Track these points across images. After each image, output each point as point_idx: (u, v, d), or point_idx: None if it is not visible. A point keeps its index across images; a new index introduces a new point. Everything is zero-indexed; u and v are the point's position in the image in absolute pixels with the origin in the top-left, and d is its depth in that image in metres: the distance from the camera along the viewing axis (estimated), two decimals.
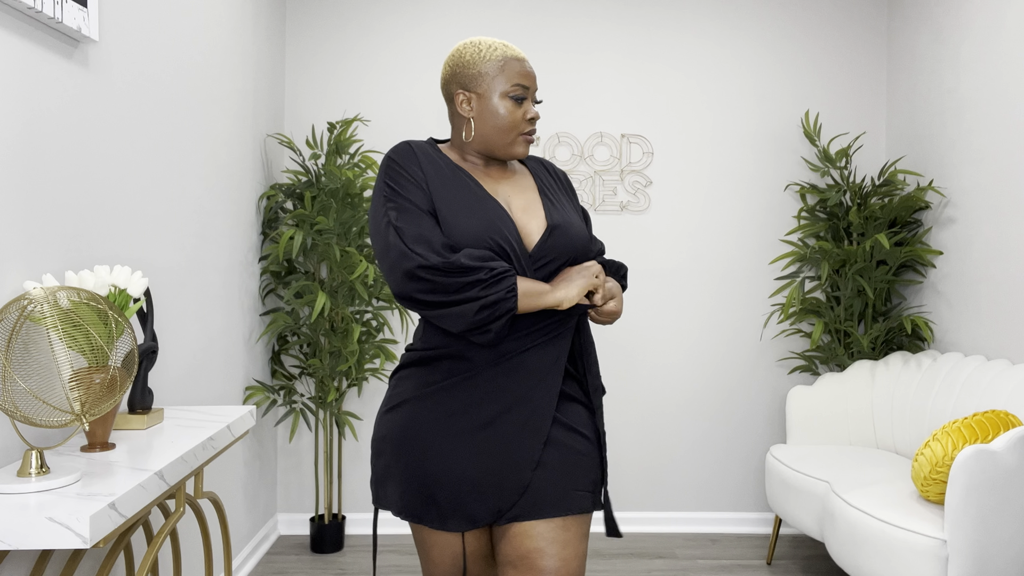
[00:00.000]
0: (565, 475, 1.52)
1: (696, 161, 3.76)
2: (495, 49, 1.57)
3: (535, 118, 1.60)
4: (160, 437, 1.72)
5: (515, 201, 1.60)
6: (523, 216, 1.58)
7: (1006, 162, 2.92)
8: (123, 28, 2.11)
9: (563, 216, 1.59)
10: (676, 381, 3.77)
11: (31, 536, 1.21)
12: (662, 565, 3.33)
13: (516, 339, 1.52)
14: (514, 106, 1.57)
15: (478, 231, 1.48)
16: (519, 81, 1.57)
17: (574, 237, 1.57)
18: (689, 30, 3.75)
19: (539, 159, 1.76)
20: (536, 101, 1.63)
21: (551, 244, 1.54)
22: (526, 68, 1.58)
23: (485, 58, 1.57)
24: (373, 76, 3.71)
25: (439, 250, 1.44)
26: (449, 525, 1.52)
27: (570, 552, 1.48)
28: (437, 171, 1.55)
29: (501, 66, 1.56)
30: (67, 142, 1.84)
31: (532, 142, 1.63)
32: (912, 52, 3.58)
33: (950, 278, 3.28)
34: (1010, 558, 2.26)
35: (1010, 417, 2.40)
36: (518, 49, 1.63)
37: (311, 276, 3.40)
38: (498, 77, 1.56)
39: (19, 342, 1.41)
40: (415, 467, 1.53)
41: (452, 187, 1.54)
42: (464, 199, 1.53)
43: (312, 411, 3.43)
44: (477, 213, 1.51)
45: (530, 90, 1.59)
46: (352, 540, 3.61)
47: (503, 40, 1.64)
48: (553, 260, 1.55)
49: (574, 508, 1.50)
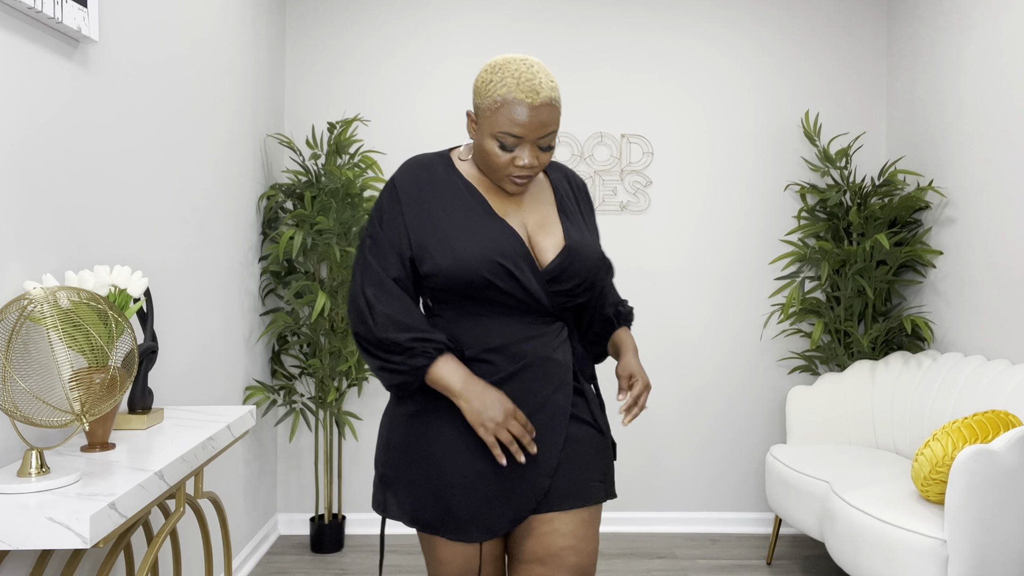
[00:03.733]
0: (580, 466, 1.56)
1: (696, 161, 3.76)
2: (503, 84, 1.45)
3: (527, 166, 1.48)
4: (160, 437, 1.72)
5: (531, 217, 1.59)
6: (538, 233, 1.57)
7: (1006, 162, 2.92)
8: (123, 28, 2.11)
9: (580, 236, 1.58)
10: (676, 381, 3.77)
11: (31, 536, 1.21)
12: (662, 565, 3.33)
13: (535, 343, 1.54)
14: (501, 150, 1.47)
15: (481, 251, 1.49)
16: (509, 129, 1.44)
17: (589, 259, 1.57)
18: (689, 30, 3.75)
19: (563, 169, 1.71)
20: (545, 147, 1.49)
21: (566, 265, 1.54)
22: (525, 117, 1.43)
23: (490, 91, 1.46)
24: (373, 76, 3.71)
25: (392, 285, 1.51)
26: (468, 536, 1.51)
27: (592, 547, 1.55)
28: (441, 192, 1.55)
29: (498, 107, 1.45)
30: (67, 142, 1.84)
31: (523, 185, 1.52)
32: (912, 52, 3.58)
33: (950, 278, 3.28)
34: (1010, 558, 2.26)
35: (1010, 417, 2.40)
36: (536, 86, 1.44)
37: (311, 276, 3.40)
38: (492, 117, 1.46)
39: (19, 342, 1.41)
40: (431, 477, 1.51)
41: (457, 207, 1.54)
42: (469, 219, 1.52)
43: (312, 411, 3.43)
44: (481, 232, 1.50)
45: (525, 139, 1.46)
46: (352, 540, 3.61)
47: (531, 62, 1.49)
48: (567, 280, 1.55)
49: (590, 499, 1.55)
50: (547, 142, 1.49)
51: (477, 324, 1.53)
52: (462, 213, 1.53)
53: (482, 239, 1.50)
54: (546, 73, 1.48)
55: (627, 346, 1.67)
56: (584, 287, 1.58)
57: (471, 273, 1.47)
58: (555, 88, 1.48)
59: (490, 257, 1.48)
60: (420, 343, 1.47)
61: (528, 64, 1.47)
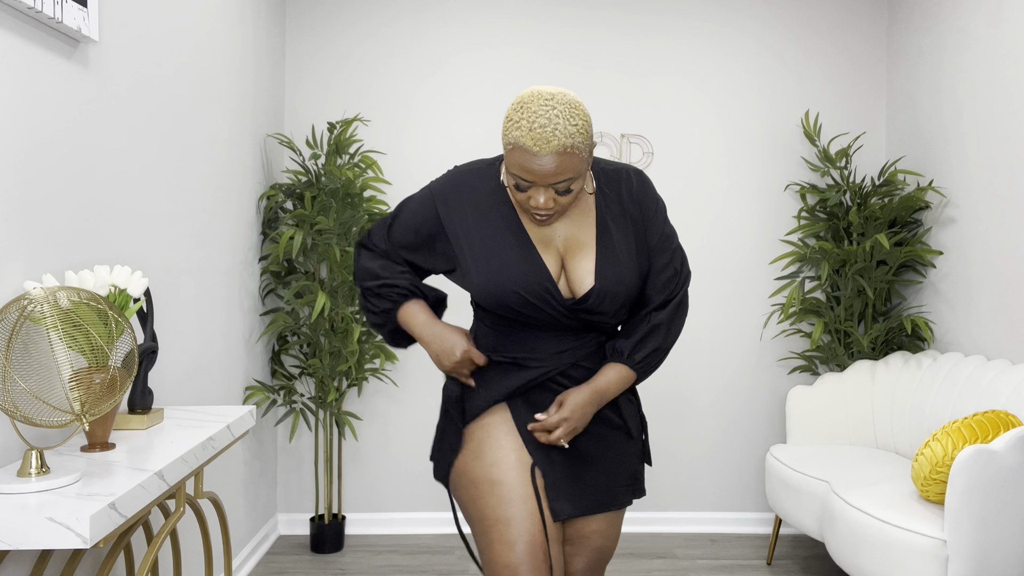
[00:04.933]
0: (608, 471, 1.64)
1: (696, 161, 3.76)
2: (518, 127, 1.40)
3: (542, 207, 1.45)
4: (160, 437, 1.72)
5: (568, 242, 1.57)
6: (572, 260, 1.56)
7: (1006, 162, 2.92)
8: (123, 28, 2.11)
9: (614, 272, 1.54)
10: (676, 381, 3.77)
11: (31, 536, 1.21)
12: (662, 565, 3.33)
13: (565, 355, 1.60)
14: (516, 189, 1.47)
15: (506, 282, 1.52)
16: (520, 173, 1.43)
17: (620, 296, 1.54)
18: (689, 30, 3.75)
19: (620, 179, 1.60)
20: (563, 191, 1.44)
21: (595, 305, 1.54)
22: (530, 164, 1.40)
23: (508, 130, 1.43)
24: (373, 76, 3.71)
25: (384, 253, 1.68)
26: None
27: (617, 531, 1.71)
28: (481, 209, 1.57)
29: (511, 149, 1.43)
30: (67, 142, 1.84)
31: (546, 220, 1.49)
32: (912, 52, 3.58)
33: (950, 278, 3.28)
34: (1010, 558, 2.26)
35: (1010, 417, 2.40)
36: (548, 135, 1.38)
37: (311, 276, 3.40)
38: (508, 157, 1.45)
39: (19, 342, 1.41)
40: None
41: (493, 228, 1.55)
42: (502, 246, 1.54)
43: (312, 411, 3.43)
44: (509, 263, 1.53)
45: (535, 185, 1.43)
46: (352, 540, 3.61)
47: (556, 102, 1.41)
48: (596, 313, 1.55)
49: (615, 503, 1.66)
50: (563, 187, 1.44)
51: (511, 333, 1.60)
52: (496, 237, 1.55)
53: (509, 270, 1.52)
54: (569, 116, 1.40)
55: (594, 380, 1.58)
56: (615, 316, 1.58)
57: (497, 300, 1.54)
58: (575, 134, 1.40)
59: (514, 289, 1.52)
60: (387, 288, 1.64)
61: (551, 106, 1.40)
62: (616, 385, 1.59)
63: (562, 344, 1.59)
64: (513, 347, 1.60)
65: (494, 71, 3.72)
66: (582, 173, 1.44)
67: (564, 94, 1.43)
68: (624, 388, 1.60)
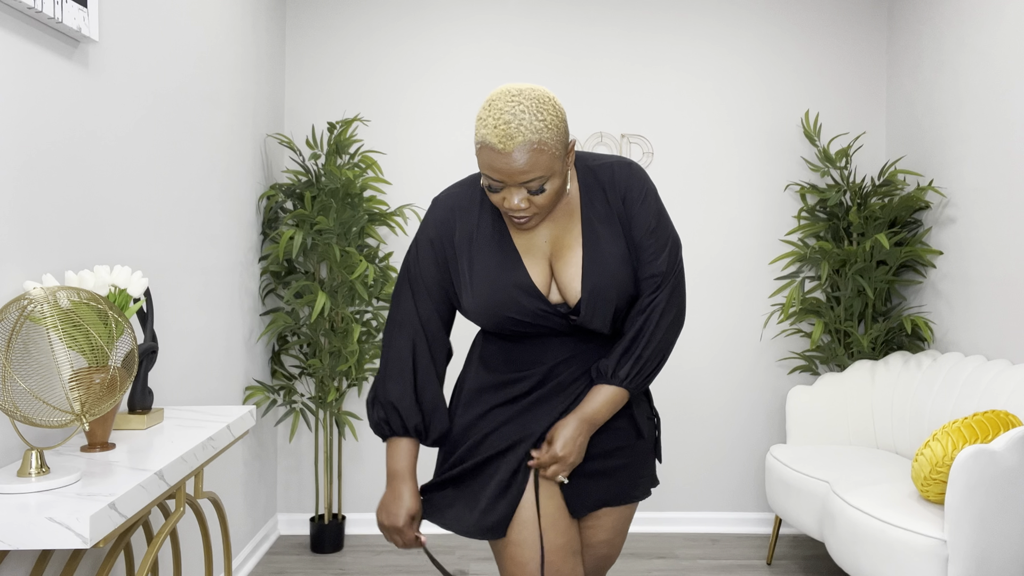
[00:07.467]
0: (618, 471, 1.61)
1: (696, 161, 3.76)
2: (484, 124, 1.35)
3: (516, 208, 1.39)
4: (160, 437, 1.72)
5: (555, 247, 1.51)
6: (561, 265, 1.49)
7: (1006, 162, 2.92)
8: (123, 28, 2.11)
9: (600, 277, 1.46)
10: (676, 381, 3.77)
11: (31, 536, 1.21)
12: (662, 565, 3.33)
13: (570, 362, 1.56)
14: (490, 190, 1.41)
15: (495, 305, 1.48)
16: (488, 172, 1.37)
17: (611, 298, 1.47)
18: (689, 30, 3.75)
19: (605, 175, 1.52)
20: (536, 191, 1.37)
21: (588, 313, 1.48)
22: (497, 163, 1.34)
23: (476, 129, 1.38)
24: (373, 76, 3.71)
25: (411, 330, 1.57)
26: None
27: (623, 538, 1.70)
28: (471, 230, 1.52)
29: (479, 148, 1.37)
30: (67, 142, 1.84)
31: (526, 223, 1.43)
32: (912, 52, 3.58)
33: (950, 278, 3.28)
34: (1010, 558, 2.26)
35: (1010, 417, 2.40)
36: (513, 130, 1.32)
37: (311, 276, 3.40)
38: (478, 156, 1.38)
39: (19, 342, 1.41)
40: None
41: (481, 249, 1.51)
42: (488, 266, 1.49)
43: (312, 411, 3.43)
44: (497, 284, 1.48)
45: (505, 184, 1.37)
46: (352, 540, 3.61)
47: (524, 98, 1.35)
48: (591, 320, 1.50)
49: (625, 501, 1.64)
50: (536, 186, 1.36)
51: (514, 347, 1.56)
52: (483, 258, 1.50)
53: (497, 291, 1.47)
54: (536, 111, 1.33)
55: (581, 407, 1.50)
56: (613, 320, 1.51)
57: (490, 322, 1.51)
58: (542, 129, 1.33)
59: (506, 314, 1.48)
60: (387, 418, 1.56)
61: (517, 102, 1.34)
62: (607, 407, 1.49)
63: (566, 351, 1.54)
64: (517, 360, 1.56)
65: (495, 70, 3.72)
66: (557, 171, 1.37)
67: (533, 89, 1.36)
68: (619, 407, 1.51)
